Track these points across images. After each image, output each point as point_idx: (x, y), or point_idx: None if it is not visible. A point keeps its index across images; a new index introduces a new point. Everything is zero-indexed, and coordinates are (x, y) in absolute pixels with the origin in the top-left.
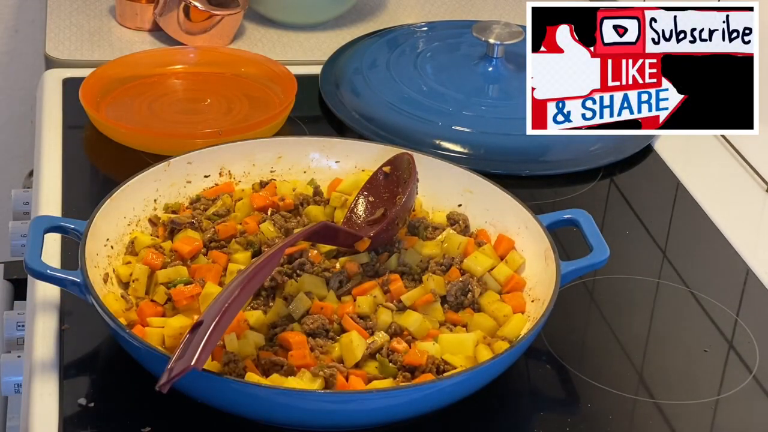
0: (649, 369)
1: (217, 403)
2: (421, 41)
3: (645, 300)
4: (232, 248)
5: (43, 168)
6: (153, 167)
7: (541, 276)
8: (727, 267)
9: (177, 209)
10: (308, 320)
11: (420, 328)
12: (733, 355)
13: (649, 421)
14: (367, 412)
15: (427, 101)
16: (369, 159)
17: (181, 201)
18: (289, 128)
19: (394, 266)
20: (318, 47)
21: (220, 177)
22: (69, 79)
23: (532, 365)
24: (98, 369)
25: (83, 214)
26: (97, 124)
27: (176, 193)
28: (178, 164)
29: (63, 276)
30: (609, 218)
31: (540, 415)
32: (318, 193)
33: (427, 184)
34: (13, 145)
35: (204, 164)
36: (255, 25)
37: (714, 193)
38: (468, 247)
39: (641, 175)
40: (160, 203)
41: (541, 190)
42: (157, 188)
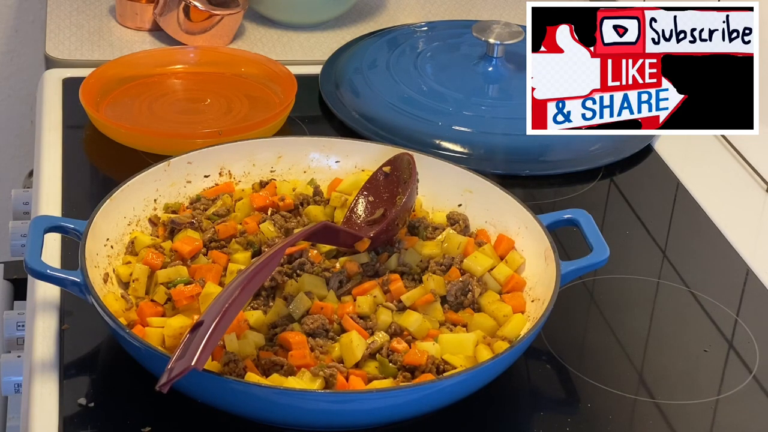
0: (649, 369)
1: (217, 403)
2: (421, 41)
3: (645, 300)
4: (232, 248)
5: (43, 168)
6: (153, 167)
7: (541, 276)
8: (727, 267)
9: (177, 209)
10: (308, 320)
11: (420, 328)
12: (733, 355)
13: (649, 421)
14: (367, 412)
15: (427, 101)
16: (369, 159)
17: (181, 201)
18: (289, 128)
19: (394, 266)
20: (318, 47)
21: (220, 177)
22: (69, 79)
23: (532, 365)
24: (98, 369)
25: (83, 214)
26: (97, 124)
27: (176, 193)
28: (178, 164)
29: (63, 276)
30: (609, 218)
31: (540, 415)
32: (318, 193)
33: (427, 184)
34: (13, 145)
35: (204, 164)
36: (255, 25)
37: (714, 193)
38: (468, 247)
39: (641, 175)
40: (160, 203)
41: (541, 190)
42: (157, 188)
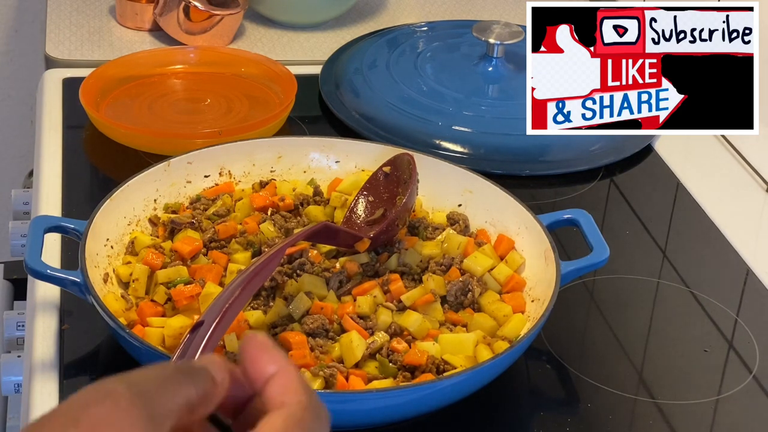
0: (649, 369)
1: None
2: (421, 41)
3: (645, 300)
4: (232, 248)
5: (43, 168)
6: (153, 167)
7: (541, 276)
8: (727, 267)
9: (177, 209)
10: (308, 320)
11: (420, 328)
12: (733, 355)
13: (649, 421)
14: (367, 412)
15: (427, 101)
16: (369, 159)
17: (181, 201)
18: (289, 128)
19: (394, 266)
20: (318, 47)
21: (220, 177)
22: (69, 79)
23: (532, 365)
24: (98, 369)
25: (83, 214)
26: (97, 124)
27: (176, 193)
28: (178, 164)
29: (63, 276)
30: (609, 218)
31: (540, 415)
32: (318, 193)
33: (427, 184)
34: (13, 145)
35: (204, 164)
36: (255, 25)
37: (714, 193)
38: (468, 247)
39: (641, 175)
40: (160, 203)
41: (541, 190)
42: (157, 188)
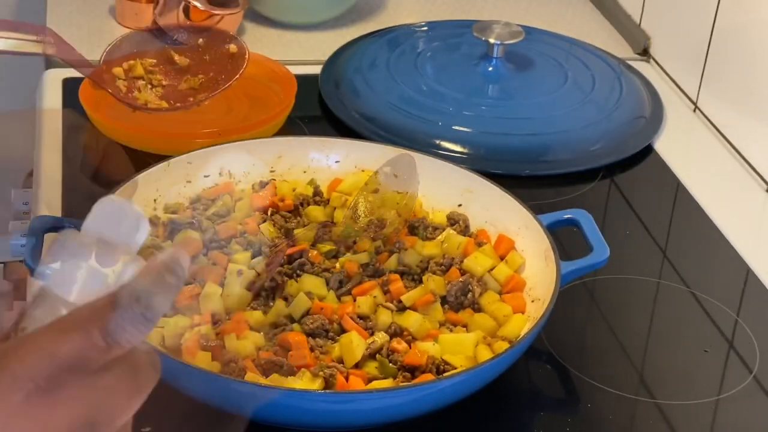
0: (649, 369)
1: (217, 403)
2: (421, 41)
3: (645, 300)
4: (233, 248)
5: (43, 168)
6: (153, 167)
7: (541, 276)
8: (727, 267)
9: (177, 209)
10: (308, 320)
11: (420, 328)
12: (733, 355)
13: (649, 421)
14: (367, 412)
15: (427, 101)
16: (369, 159)
17: (181, 201)
18: (289, 128)
19: (394, 266)
20: (318, 47)
21: (220, 177)
22: (69, 79)
23: (532, 365)
24: None
25: (83, 214)
26: (97, 124)
27: (176, 193)
28: (178, 164)
29: None
30: (609, 218)
31: (540, 415)
32: (318, 193)
33: (427, 184)
34: (13, 145)
35: (204, 164)
36: (255, 25)
37: (714, 193)
38: (468, 247)
39: (641, 175)
40: (160, 203)
41: (541, 190)
42: (157, 188)
